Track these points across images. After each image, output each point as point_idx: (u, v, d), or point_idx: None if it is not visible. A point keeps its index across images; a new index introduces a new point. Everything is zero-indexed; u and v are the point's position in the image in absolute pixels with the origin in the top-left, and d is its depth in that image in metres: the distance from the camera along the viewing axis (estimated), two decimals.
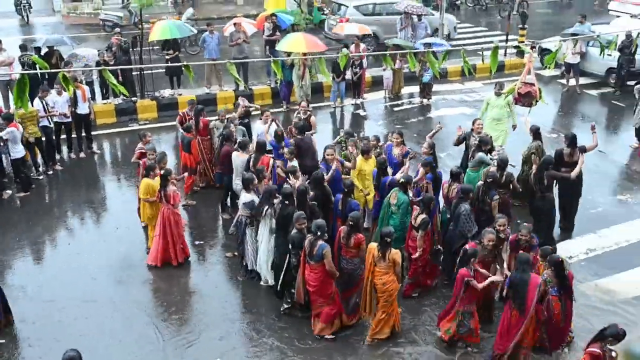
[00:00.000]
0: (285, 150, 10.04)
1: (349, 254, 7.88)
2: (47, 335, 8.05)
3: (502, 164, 9.34)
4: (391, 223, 8.65)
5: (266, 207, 8.51)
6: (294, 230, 7.91)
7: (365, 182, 9.80)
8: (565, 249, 9.58)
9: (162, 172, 9.48)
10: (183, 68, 6.88)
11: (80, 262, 9.69)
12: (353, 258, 7.88)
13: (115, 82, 6.21)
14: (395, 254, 7.61)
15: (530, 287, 6.94)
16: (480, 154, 9.78)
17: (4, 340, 7.93)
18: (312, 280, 7.71)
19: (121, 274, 9.39)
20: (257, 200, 8.81)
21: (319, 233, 7.50)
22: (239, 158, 10.10)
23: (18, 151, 11.66)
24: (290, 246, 8.03)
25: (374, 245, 7.74)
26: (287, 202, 8.35)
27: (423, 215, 8.32)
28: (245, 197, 8.91)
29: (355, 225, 7.78)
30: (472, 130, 10.68)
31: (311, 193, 8.67)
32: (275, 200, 8.57)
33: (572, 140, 9.78)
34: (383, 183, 9.28)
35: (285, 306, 8.45)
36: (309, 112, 11.93)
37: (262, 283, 9.04)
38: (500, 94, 11.96)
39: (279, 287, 8.53)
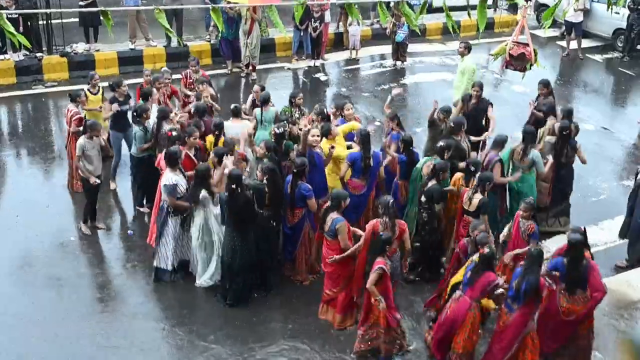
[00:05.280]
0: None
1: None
2: None
3: (569, 113, 10.29)
4: None
5: (201, 191, 8.51)
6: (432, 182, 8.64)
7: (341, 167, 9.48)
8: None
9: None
10: (100, 16, 6.69)
11: None
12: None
13: (13, 30, 5.98)
14: None
15: None
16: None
17: None
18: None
19: (20, 273, 9.22)
20: (182, 183, 8.74)
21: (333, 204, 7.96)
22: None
23: None
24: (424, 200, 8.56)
25: (459, 175, 9.01)
26: (237, 187, 8.30)
27: (480, 195, 8.48)
28: (167, 177, 8.72)
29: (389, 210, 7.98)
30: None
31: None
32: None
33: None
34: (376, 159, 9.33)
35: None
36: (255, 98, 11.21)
37: (199, 284, 8.99)
38: (463, 53, 12.12)
39: (236, 285, 8.63)
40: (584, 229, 7.79)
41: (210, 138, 9.80)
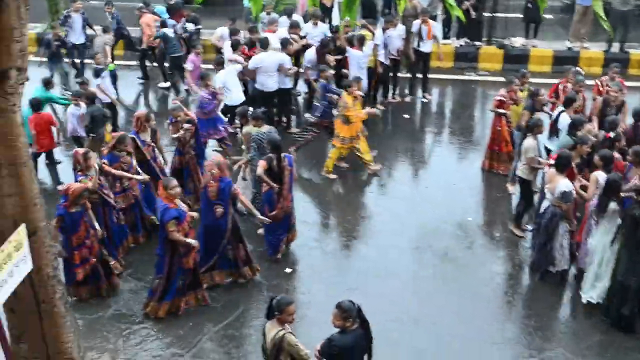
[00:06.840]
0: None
1: None
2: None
3: None
4: None
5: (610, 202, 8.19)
6: None
7: None
8: None
9: None
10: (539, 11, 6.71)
11: (383, 224, 10.33)
12: None
13: (453, 2, 6.32)
14: None
15: None
16: None
17: None
18: None
19: (419, 245, 9.80)
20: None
21: None
22: None
23: None
24: None
25: None
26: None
27: None
28: (565, 183, 8.57)
29: None
30: None
31: None
32: None
33: None
34: None
35: None
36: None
37: (584, 298, 8.62)
38: None
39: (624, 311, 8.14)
40: None
41: None
